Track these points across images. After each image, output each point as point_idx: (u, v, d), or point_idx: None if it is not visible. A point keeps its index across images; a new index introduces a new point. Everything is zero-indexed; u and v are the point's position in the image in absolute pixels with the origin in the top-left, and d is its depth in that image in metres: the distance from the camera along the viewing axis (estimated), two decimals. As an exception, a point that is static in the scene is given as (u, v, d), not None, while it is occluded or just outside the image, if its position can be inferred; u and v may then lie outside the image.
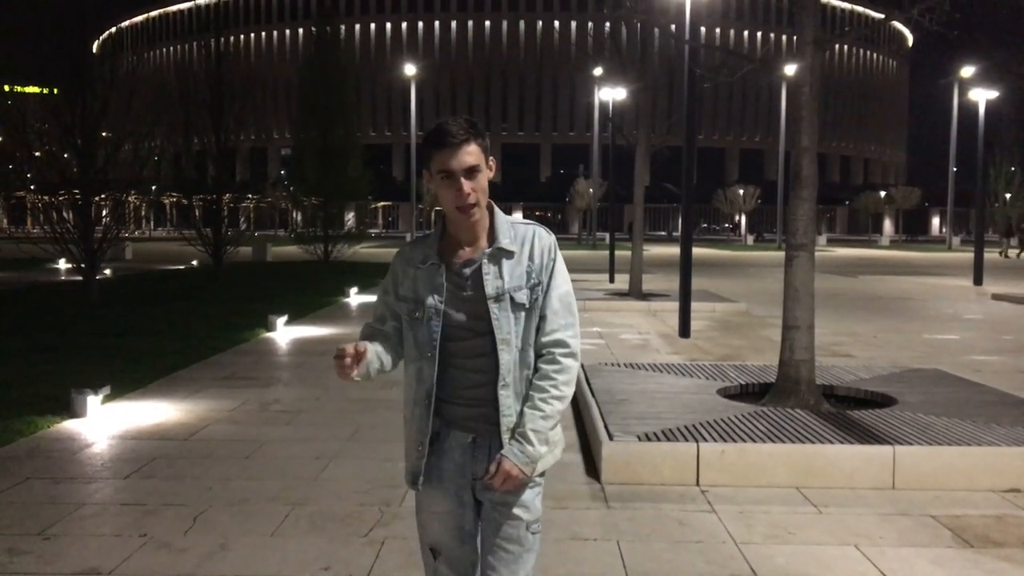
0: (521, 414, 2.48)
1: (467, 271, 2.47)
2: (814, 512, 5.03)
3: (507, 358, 2.44)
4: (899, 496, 5.31)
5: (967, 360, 10.63)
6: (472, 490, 2.53)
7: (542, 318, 2.50)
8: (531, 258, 2.49)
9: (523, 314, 2.47)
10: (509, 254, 2.47)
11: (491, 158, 2.47)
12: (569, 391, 2.52)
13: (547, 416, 2.47)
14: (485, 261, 2.46)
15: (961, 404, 6.88)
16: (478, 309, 2.45)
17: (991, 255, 34.67)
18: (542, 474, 2.55)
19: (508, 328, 2.44)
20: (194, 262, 28.38)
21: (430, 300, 2.47)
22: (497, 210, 2.53)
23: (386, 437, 6.61)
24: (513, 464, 2.43)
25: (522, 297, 2.46)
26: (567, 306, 2.54)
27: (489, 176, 2.46)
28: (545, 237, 2.53)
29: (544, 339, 2.51)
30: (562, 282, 2.54)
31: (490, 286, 2.45)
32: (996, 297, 19.63)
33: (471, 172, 2.39)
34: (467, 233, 2.49)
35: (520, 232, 2.52)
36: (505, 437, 2.46)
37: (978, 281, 23.47)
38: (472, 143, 2.39)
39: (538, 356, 2.52)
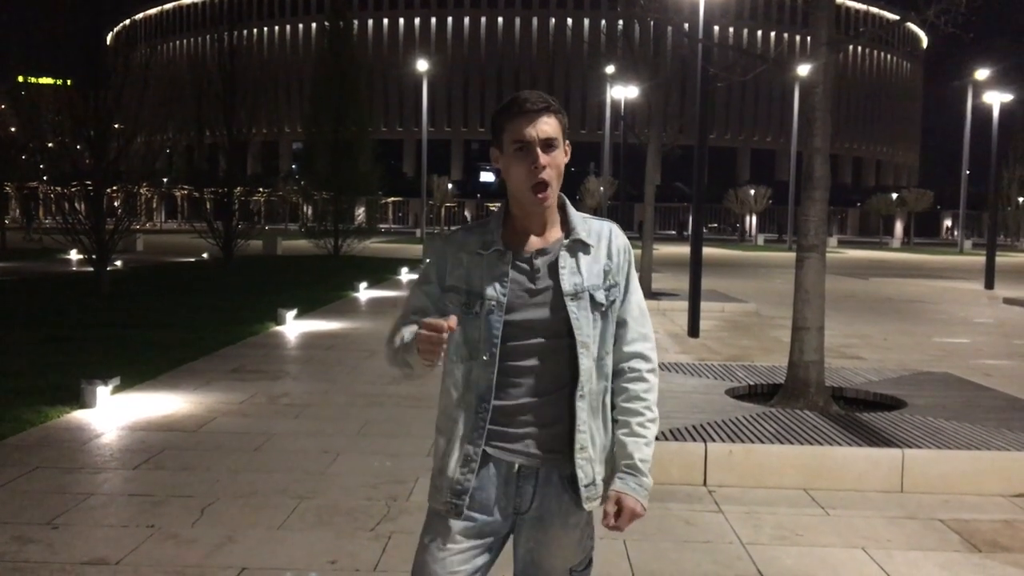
0: (614, 443, 2.22)
1: (539, 262, 2.16)
2: (822, 514, 5.02)
3: (587, 364, 2.14)
4: (907, 499, 5.29)
5: (977, 364, 10.58)
6: (511, 527, 2.21)
7: (622, 324, 2.24)
8: (609, 256, 2.22)
9: (599, 316, 2.18)
10: (587, 248, 2.19)
11: (567, 142, 2.19)
12: (658, 411, 2.28)
13: (650, 443, 2.22)
14: (563, 253, 2.17)
15: (971, 408, 6.84)
16: (553, 304, 2.14)
17: (1003, 259, 34.51)
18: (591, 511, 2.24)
19: (588, 331, 2.15)
20: (205, 255, 28.46)
21: (491, 291, 2.13)
22: (568, 202, 2.26)
23: (393, 432, 6.62)
24: (636, 500, 2.16)
25: (601, 297, 2.18)
26: (644, 313, 2.30)
27: (565, 160, 2.18)
28: (621, 235, 2.27)
29: (626, 349, 2.25)
30: (638, 286, 2.30)
31: (567, 282, 2.15)
32: (1008, 301, 19.53)
33: (548, 145, 2.11)
34: (537, 221, 2.19)
35: (595, 227, 2.25)
36: (579, 457, 2.15)
37: (990, 285, 23.36)
38: (551, 115, 2.13)
39: (618, 373, 2.25)
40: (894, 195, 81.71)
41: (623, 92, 26.46)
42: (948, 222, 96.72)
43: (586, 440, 2.15)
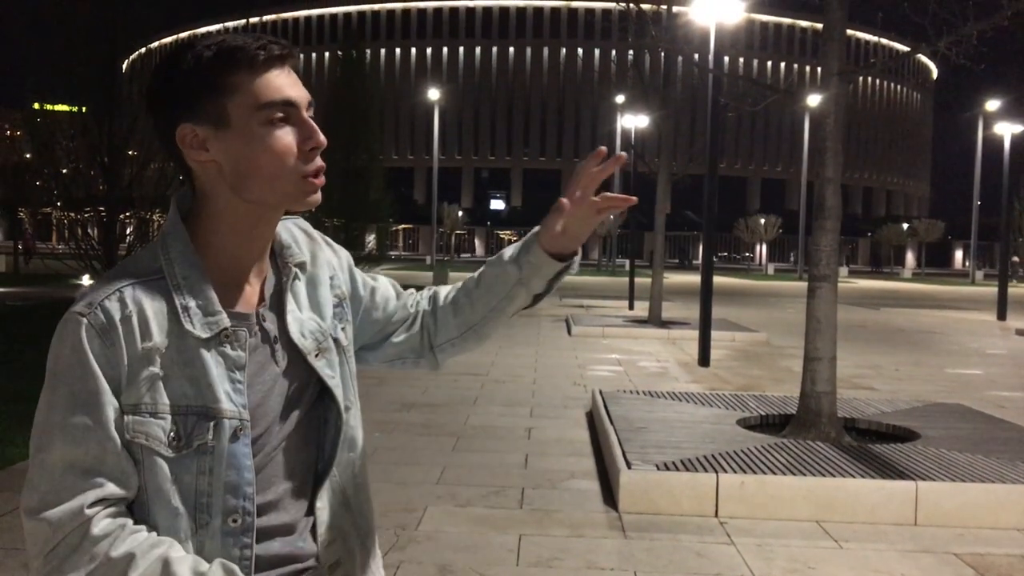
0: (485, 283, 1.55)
1: (271, 325, 1.30)
2: (834, 547, 4.96)
3: (355, 426, 1.42)
4: (921, 532, 5.22)
5: (991, 395, 10.50)
6: None
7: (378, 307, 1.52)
8: (315, 260, 1.42)
9: (342, 358, 1.38)
10: (303, 268, 1.38)
11: None
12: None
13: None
14: (288, 293, 1.33)
15: (985, 440, 6.78)
16: (294, 377, 1.31)
17: (1016, 289, 34.36)
18: None
19: (348, 389, 1.39)
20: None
21: (227, 402, 1.21)
22: None
23: (401, 460, 6.59)
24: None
25: (341, 333, 1.39)
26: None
27: None
28: (311, 228, 1.47)
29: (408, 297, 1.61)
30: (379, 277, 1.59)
31: (301, 332, 1.32)
32: (1020, 332, 19.39)
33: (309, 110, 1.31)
34: (259, 244, 1.30)
35: (285, 231, 1.39)
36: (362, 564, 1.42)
37: (1002, 316, 23.23)
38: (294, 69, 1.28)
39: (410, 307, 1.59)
40: (905, 225, 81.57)
41: (633, 121, 26.61)
42: (960, 253, 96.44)
43: (338, 551, 1.38)
